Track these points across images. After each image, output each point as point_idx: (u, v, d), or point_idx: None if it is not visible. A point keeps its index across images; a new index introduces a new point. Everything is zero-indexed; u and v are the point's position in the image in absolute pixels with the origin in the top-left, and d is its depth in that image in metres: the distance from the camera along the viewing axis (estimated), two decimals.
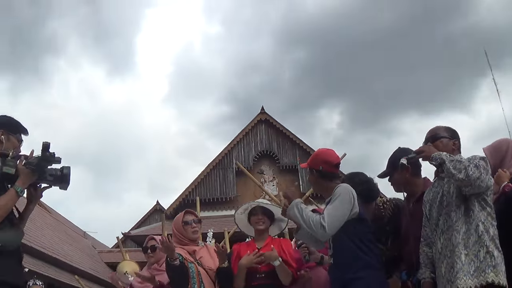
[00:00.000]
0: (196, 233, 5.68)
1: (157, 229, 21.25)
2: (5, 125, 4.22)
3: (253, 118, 28.81)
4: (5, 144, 4.13)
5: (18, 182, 3.94)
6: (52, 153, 4.00)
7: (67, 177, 4.14)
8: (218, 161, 27.95)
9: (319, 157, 4.75)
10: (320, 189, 4.77)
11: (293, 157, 27.19)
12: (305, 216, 4.30)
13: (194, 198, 23.51)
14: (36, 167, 3.96)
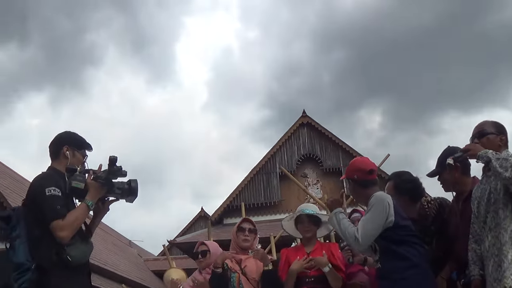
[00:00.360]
0: (247, 241, 5.70)
1: (202, 235, 21.30)
2: (69, 141, 4.34)
3: (295, 122, 28.74)
4: (71, 159, 4.25)
5: (88, 196, 4.04)
6: (119, 166, 4.10)
7: (135, 190, 4.23)
8: (262, 166, 27.91)
9: (352, 167, 4.79)
10: (359, 197, 4.83)
11: (336, 160, 27.07)
12: (342, 227, 4.38)
13: (238, 204, 23.54)
14: (105, 181, 4.08)
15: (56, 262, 3.84)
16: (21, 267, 3.82)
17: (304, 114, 28.79)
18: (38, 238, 3.89)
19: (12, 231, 3.97)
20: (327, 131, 28.12)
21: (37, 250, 3.86)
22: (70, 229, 3.89)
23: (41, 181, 4.07)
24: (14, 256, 3.88)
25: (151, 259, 33.45)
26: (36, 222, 3.93)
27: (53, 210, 3.87)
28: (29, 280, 3.78)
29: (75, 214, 3.96)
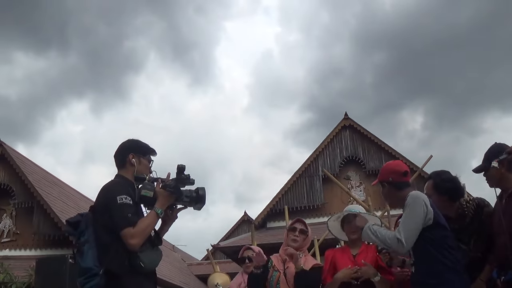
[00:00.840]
0: (295, 242, 5.69)
1: (246, 239, 21.35)
2: (134, 149, 4.46)
3: (337, 124, 28.65)
4: (137, 167, 4.37)
5: (158, 204, 4.16)
6: (187, 175, 4.23)
7: (203, 198, 4.32)
8: (304, 169, 27.86)
9: (387, 169, 4.80)
10: (394, 200, 4.80)
11: (379, 162, 26.85)
12: (380, 236, 4.34)
13: (281, 207, 23.57)
14: (174, 190, 4.18)
15: (128, 268, 3.96)
16: (89, 272, 3.90)
17: (346, 116, 28.67)
18: (107, 244, 3.98)
19: (81, 236, 4.06)
20: (369, 133, 27.96)
21: (106, 256, 3.94)
22: (141, 236, 4.00)
23: (113, 189, 4.18)
24: (82, 261, 3.96)
25: (195, 263, 33.61)
26: (105, 228, 4.04)
27: (124, 218, 3.99)
28: (97, 285, 3.86)
29: (145, 222, 4.08)
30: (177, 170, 4.22)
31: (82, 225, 4.11)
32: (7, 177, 23.46)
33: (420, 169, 13.67)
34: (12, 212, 23.38)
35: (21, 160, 24.12)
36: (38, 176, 24.11)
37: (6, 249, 22.79)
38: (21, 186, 22.79)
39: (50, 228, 21.43)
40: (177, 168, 4.21)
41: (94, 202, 4.31)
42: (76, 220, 4.17)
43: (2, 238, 23.21)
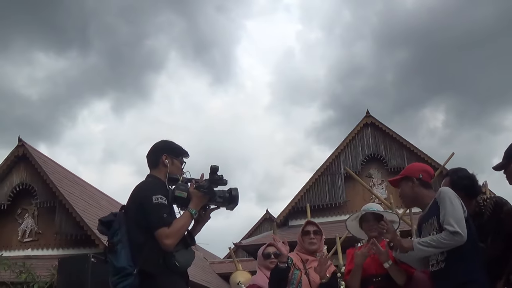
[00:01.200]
0: (313, 244, 5.63)
1: (268, 238, 21.28)
2: (168, 150, 4.49)
3: (359, 122, 28.55)
4: (170, 168, 4.39)
5: (192, 205, 4.17)
6: (220, 175, 4.25)
7: (236, 198, 4.33)
8: (326, 167, 27.80)
9: (416, 167, 4.81)
10: (417, 198, 4.70)
11: (401, 159, 26.74)
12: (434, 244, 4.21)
13: (303, 205, 23.46)
14: (207, 190, 4.20)
15: (163, 267, 3.97)
16: (123, 271, 3.91)
17: (368, 114, 28.58)
18: (141, 244, 3.98)
19: (114, 236, 4.07)
20: (391, 130, 27.85)
21: (140, 255, 3.94)
22: (176, 237, 4.00)
23: (148, 188, 4.21)
24: (115, 260, 3.96)
25: (217, 262, 33.60)
26: (138, 228, 4.05)
27: (160, 218, 4.00)
28: (131, 285, 3.87)
29: (180, 223, 4.09)
30: (211, 170, 4.24)
31: (115, 225, 4.13)
32: (29, 177, 23.57)
33: (442, 167, 13.57)
34: (34, 212, 23.49)
35: (43, 160, 24.21)
36: (59, 175, 24.20)
37: (29, 248, 22.91)
38: (43, 186, 22.90)
39: (72, 227, 21.50)
40: (211, 169, 4.24)
41: (127, 202, 4.32)
42: (109, 219, 4.20)
43: (24, 238, 23.35)
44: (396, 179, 4.87)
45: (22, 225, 23.56)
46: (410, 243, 4.33)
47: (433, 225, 4.39)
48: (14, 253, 22.38)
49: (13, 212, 23.81)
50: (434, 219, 4.37)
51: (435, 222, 4.35)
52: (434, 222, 4.37)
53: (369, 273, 5.03)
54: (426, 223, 4.52)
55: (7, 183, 23.85)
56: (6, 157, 23.83)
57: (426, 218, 4.55)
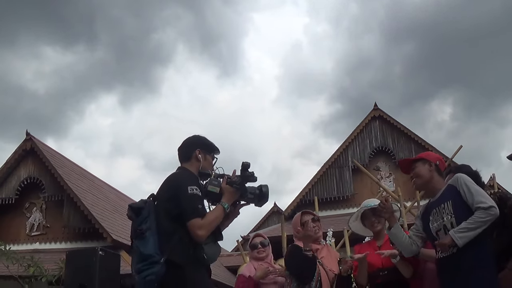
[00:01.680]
0: (318, 232, 5.67)
1: (275, 230, 21.28)
2: (201, 145, 4.57)
3: (367, 115, 28.50)
4: (202, 163, 4.47)
5: (224, 199, 4.24)
6: (251, 172, 4.32)
7: (266, 195, 4.42)
8: (334, 160, 27.78)
9: (433, 154, 4.89)
10: (430, 182, 4.72)
11: (409, 152, 26.67)
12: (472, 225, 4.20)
13: (311, 198, 23.47)
14: (240, 186, 4.28)
15: (191, 259, 4.00)
16: (149, 259, 3.91)
17: (375, 107, 28.53)
18: (170, 233, 4.02)
19: (143, 223, 4.06)
20: (399, 123, 27.80)
21: (168, 245, 3.96)
22: (208, 228, 4.06)
23: (184, 178, 4.25)
24: (143, 247, 3.96)
25: (225, 255, 33.52)
26: (169, 217, 4.09)
27: (194, 209, 4.05)
28: (157, 273, 3.87)
29: (213, 215, 4.15)
30: (242, 167, 4.30)
31: (145, 212, 4.12)
32: (37, 171, 23.63)
33: (450, 160, 13.55)
34: (42, 206, 23.53)
35: (51, 153, 24.25)
36: (67, 169, 24.23)
37: (36, 242, 22.95)
38: (51, 179, 22.95)
39: (80, 221, 21.54)
40: (242, 165, 4.30)
41: (158, 191, 4.34)
42: (140, 206, 4.19)
43: (32, 232, 23.41)
44: (412, 159, 4.92)
45: (30, 219, 23.63)
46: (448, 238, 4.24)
47: (446, 209, 4.42)
48: (22, 246, 22.43)
49: (21, 206, 23.87)
50: (449, 203, 4.41)
51: (450, 206, 4.39)
52: (449, 206, 4.40)
53: (376, 267, 5.10)
54: (438, 208, 4.52)
55: (15, 177, 23.93)
56: (14, 151, 23.90)
57: (437, 203, 4.55)
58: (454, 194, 4.40)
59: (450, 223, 4.35)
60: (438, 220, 4.48)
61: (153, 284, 3.90)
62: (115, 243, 19.80)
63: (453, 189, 4.43)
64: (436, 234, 4.48)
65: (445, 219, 4.39)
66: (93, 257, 9.47)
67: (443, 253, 4.38)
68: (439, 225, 4.45)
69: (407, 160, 4.98)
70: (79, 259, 9.83)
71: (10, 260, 14.80)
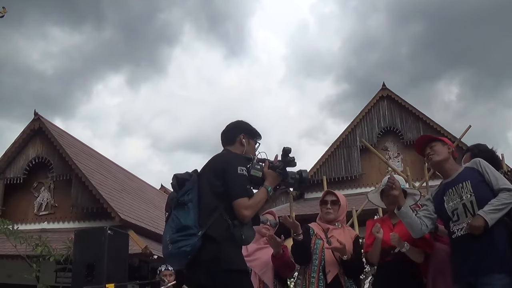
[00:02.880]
0: (329, 214, 5.70)
1: (284, 210, 21.26)
2: (245, 130, 4.69)
3: (375, 95, 28.36)
4: (246, 147, 4.59)
5: (267, 182, 4.31)
6: (292, 157, 4.39)
7: (306, 180, 4.53)
8: (342, 140, 27.71)
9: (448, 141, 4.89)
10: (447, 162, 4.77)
11: (417, 132, 26.54)
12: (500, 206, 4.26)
13: (319, 178, 23.49)
14: (282, 171, 4.36)
15: (229, 236, 4.06)
16: (187, 230, 3.98)
17: (383, 86, 28.41)
18: (212, 209, 4.10)
19: (185, 194, 4.16)
20: (407, 103, 27.66)
21: (208, 219, 4.05)
22: (254, 209, 4.15)
23: (235, 158, 4.37)
24: (183, 218, 4.05)
25: None
26: (213, 193, 4.18)
27: (243, 188, 4.16)
28: (193, 245, 3.93)
29: (259, 196, 4.22)
30: (283, 152, 4.37)
31: (189, 184, 4.23)
32: (45, 151, 23.64)
33: (458, 140, 13.42)
34: (50, 185, 23.54)
35: (59, 133, 24.27)
36: (75, 149, 24.27)
37: (45, 222, 22.99)
38: (59, 159, 22.96)
39: (88, 200, 21.57)
40: (283, 150, 4.37)
41: (204, 167, 4.47)
42: (184, 177, 4.31)
43: (40, 211, 23.44)
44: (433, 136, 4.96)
45: (38, 199, 23.67)
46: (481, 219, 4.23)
47: (465, 188, 4.44)
48: (30, 226, 22.46)
49: (29, 186, 23.91)
50: (468, 183, 4.44)
51: (469, 185, 4.42)
52: (468, 185, 4.43)
53: (388, 244, 5.05)
54: (455, 188, 4.54)
55: (23, 157, 23.94)
56: (22, 131, 23.91)
57: (453, 183, 4.58)
58: (473, 175, 4.45)
59: (469, 201, 4.37)
60: (455, 199, 4.49)
61: (187, 255, 3.96)
62: (123, 222, 19.81)
63: (472, 170, 4.49)
64: (452, 213, 4.48)
65: (464, 198, 4.41)
66: (102, 236, 9.51)
67: (461, 232, 4.40)
68: (456, 204, 4.46)
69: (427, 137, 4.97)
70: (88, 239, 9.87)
71: (18, 239, 14.86)
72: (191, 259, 3.97)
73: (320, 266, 5.42)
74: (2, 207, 23.30)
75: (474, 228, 4.26)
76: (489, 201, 4.28)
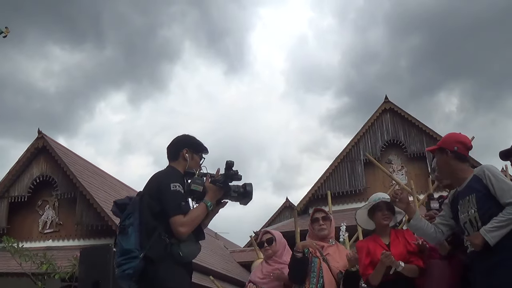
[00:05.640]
0: (323, 230, 5.76)
1: (288, 225, 21.27)
2: (189, 144, 4.64)
3: (378, 108, 28.43)
4: (189, 162, 4.55)
5: (207, 197, 4.28)
6: (235, 171, 4.33)
7: (250, 194, 4.45)
8: (346, 154, 27.75)
9: (453, 138, 4.60)
10: (451, 172, 4.57)
11: (421, 145, 26.63)
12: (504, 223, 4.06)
13: (323, 193, 23.53)
14: (223, 185, 4.33)
15: (166, 255, 4.05)
16: (129, 253, 4.02)
17: (386, 99, 28.48)
18: (151, 230, 4.10)
19: (126, 218, 4.18)
20: (410, 116, 27.72)
21: (148, 241, 4.06)
22: (190, 226, 4.13)
23: (167, 176, 4.35)
24: (124, 242, 4.09)
25: (237, 250, 33.61)
26: (152, 214, 4.16)
27: (177, 205, 4.13)
28: (135, 268, 3.98)
29: (196, 212, 4.20)
30: (226, 165, 4.31)
31: (129, 208, 4.24)
32: (49, 169, 23.68)
33: None
34: (54, 203, 23.57)
35: (63, 151, 24.32)
36: (79, 167, 24.29)
37: (49, 239, 23.01)
38: (63, 177, 23.00)
39: (93, 218, 21.59)
40: (226, 164, 4.31)
41: (144, 188, 4.42)
42: (124, 202, 4.36)
43: (45, 229, 23.45)
44: (431, 149, 4.78)
45: (43, 216, 23.67)
46: (480, 237, 4.10)
47: (471, 202, 4.26)
48: (35, 244, 22.44)
49: (34, 204, 23.94)
50: (473, 197, 4.25)
51: (473, 199, 4.24)
52: (473, 199, 4.25)
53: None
54: (463, 200, 4.36)
55: (27, 175, 24.00)
56: (26, 149, 23.98)
57: (463, 194, 4.39)
58: (478, 187, 4.25)
59: (474, 217, 4.21)
60: (464, 212, 4.32)
61: (130, 278, 4.03)
62: None
63: (478, 180, 4.28)
64: (464, 226, 4.34)
65: (470, 213, 4.25)
66: (107, 254, 9.46)
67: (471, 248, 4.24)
68: (465, 217, 4.30)
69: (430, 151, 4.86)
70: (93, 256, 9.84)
71: (23, 257, 14.88)
72: (136, 281, 4.06)
73: (318, 284, 5.43)
74: (7, 225, 23.29)
75: (473, 245, 4.17)
76: (494, 216, 4.07)
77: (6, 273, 18.75)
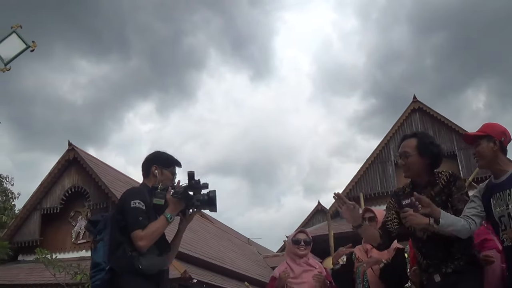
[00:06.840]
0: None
1: (321, 229, 21.21)
2: (157, 161, 4.85)
3: (406, 108, 28.28)
4: (159, 178, 4.75)
5: (168, 210, 4.48)
6: (197, 180, 4.51)
7: (213, 200, 4.56)
8: (376, 156, 27.64)
9: (499, 128, 4.44)
10: (494, 162, 4.38)
11: (451, 143, 26.44)
12: None
13: (355, 195, 23.46)
14: (181, 196, 4.49)
15: (127, 267, 4.29)
16: (98, 266, 4.40)
17: (414, 99, 28.34)
18: (118, 244, 4.38)
19: (98, 234, 4.55)
20: (439, 115, 27.54)
21: (114, 254, 4.36)
22: (149, 239, 4.33)
23: (129, 194, 4.60)
24: (95, 255, 4.47)
25: (271, 255, 33.57)
26: (118, 229, 4.43)
27: (135, 221, 4.35)
28: (102, 279, 4.34)
29: (154, 226, 4.40)
30: (188, 176, 4.51)
31: (100, 224, 4.59)
32: (81, 180, 23.83)
33: None
34: (87, 214, 23.66)
35: (94, 162, 24.48)
36: (111, 177, 24.42)
37: (83, 250, 23.09)
38: (95, 187, 23.14)
39: None
40: (188, 175, 4.51)
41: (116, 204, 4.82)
42: (96, 219, 4.70)
43: (78, 240, 23.58)
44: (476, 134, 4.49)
45: (76, 227, 23.80)
46: None
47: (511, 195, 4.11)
48: (68, 255, 22.58)
49: (67, 215, 24.11)
50: None
51: None
52: None
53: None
54: (502, 193, 4.21)
55: (59, 187, 24.18)
56: (57, 161, 24.17)
57: (501, 187, 4.24)
58: None
59: None
60: (501, 205, 4.17)
61: None
62: None
63: None
64: (500, 220, 4.18)
65: (510, 207, 4.09)
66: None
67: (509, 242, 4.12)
68: (502, 211, 4.14)
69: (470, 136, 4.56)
70: None
71: (57, 268, 14.96)
72: None
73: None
74: (40, 237, 23.51)
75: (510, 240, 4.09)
76: None
77: (41, 284, 18.93)
